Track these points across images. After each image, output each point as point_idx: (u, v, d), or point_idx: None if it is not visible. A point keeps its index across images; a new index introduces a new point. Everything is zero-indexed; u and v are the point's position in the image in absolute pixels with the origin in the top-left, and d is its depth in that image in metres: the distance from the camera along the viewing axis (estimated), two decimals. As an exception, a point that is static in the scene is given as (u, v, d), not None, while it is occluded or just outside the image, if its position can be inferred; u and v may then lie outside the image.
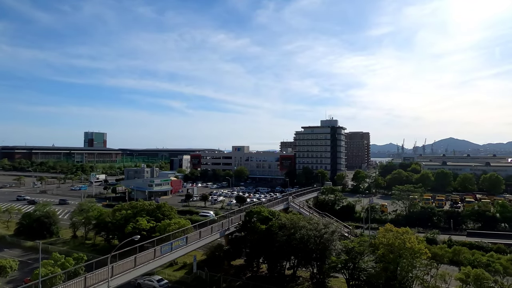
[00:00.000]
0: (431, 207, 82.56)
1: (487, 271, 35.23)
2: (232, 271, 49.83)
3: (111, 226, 57.50)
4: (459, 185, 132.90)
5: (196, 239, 42.67)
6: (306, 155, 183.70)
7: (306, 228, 41.74)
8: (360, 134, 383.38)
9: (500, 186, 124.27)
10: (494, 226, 74.62)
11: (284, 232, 43.13)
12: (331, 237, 40.46)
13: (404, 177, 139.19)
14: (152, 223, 55.13)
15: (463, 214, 78.35)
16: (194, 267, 47.35)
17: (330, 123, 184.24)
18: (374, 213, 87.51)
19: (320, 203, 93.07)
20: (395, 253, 37.35)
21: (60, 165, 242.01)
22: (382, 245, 38.96)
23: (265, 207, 51.16)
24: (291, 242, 41.35)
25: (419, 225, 77.70)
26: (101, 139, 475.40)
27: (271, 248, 43.23)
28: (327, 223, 43.50)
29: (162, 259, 36.19)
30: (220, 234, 47.68)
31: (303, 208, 71.32)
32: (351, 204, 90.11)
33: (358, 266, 39.78)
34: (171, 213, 59.71)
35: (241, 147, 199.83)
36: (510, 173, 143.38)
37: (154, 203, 61.54)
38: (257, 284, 43.77)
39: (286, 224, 44.10)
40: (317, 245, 40.29)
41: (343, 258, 40.07)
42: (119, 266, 31.11)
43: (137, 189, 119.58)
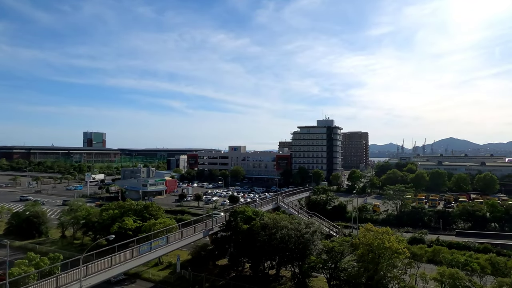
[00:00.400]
0: (422, 207, 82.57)
1: (465, 271, 35.28)
2: (216, 271, 49.95)
3: (98, 226, 57.66)
4: (453, 185, 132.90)
5: (177, 238, 42.74)
6: (302, 155, 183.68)
7: (287, 228, 41.81)
8: (358, 134, 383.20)
9: (494, 186, 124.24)
10: (485, 226, 74.67)
11: (266, 232, 43.19)
12: (311, 237, 40.52)
13: (399, 177, 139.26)
14: (139, 223, 55.32)
15: (453, 214, 78.33)
16: (178, 267, 47.43)
17: (326, 123, 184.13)
18: (366, 213, 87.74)
19: (312, 203, 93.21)
20: (374, 252, 37.42)
21: (58, 165, 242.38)
22: (362, 245, 39.01)
23: (250, 207, 51.20)
24: (272, 241, 41.42)
25: (410, 225, 77.91)
26: (100, 139, 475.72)
27: (253, 247, 43.29)
28: (309, 223, 43.57)
29: (141, 258, 36.27)
30: (204, 234, 47.72)
31: (293, 208, 71.34)
32: (342, 204, 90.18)
33: (338, 266, 39.93)
34: (158, 213, 59.85)
35: (237, 147, 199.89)
36: (505, 173, 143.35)
37: (141, 203, 61.71)
38: (238, 284, 43.87)
39: (268, 223, 44.12)
40: (297, 245, 40.36)
41: (323, 257, 40.20)
42: (94, 266, 31.19)
43: (131, 189, 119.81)
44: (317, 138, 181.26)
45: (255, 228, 43.61)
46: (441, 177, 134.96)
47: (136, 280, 48.77)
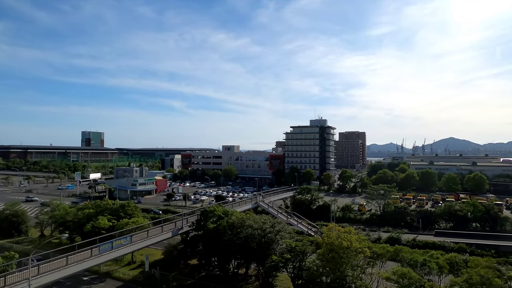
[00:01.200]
0: (405, 207, 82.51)
1: (422, 270, 35.35)
2: (186, 270, 50.04)
3: (73, 225, 57.90)
4: (444, 185, 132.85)
5: (143, 238, 42.83)
6: (295, 154, 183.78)
7: (252, 227, 41.92)
8: (356, 134, 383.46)
9: (483, 186, 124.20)
10: (466, 226, 74.60)
11: (233, 231, 43.33)
12: (274, 236, 40.58)
13: (389, 176, 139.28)
14: (113, 222, 55.51)
15: (435, 214, 78.28)
16: (146, 266, 47.59)
17: (319, 122, 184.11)
18: (349, 212, 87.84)
19: (297, 203, 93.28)
20: (334, 252, 37.49)
21: (53, 165, 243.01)
22: (324, 244, 39.12)
23: (222, 207, 51.25)
24: (236, 241, 41.53)
25: (393, 224, 78.08)
26: (98, 139, 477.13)
27: (220, 247, 43.43)
28: (274, 223, 43.64)
29: (100, 257, 36.41)
30: (173, 233, 47.85)
31: (272, 207, 71.31)
32: (326, 204, 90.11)
33: (302, 265, 40.05)
34: (134, 212, 60.11)
35: (231, 146, 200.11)
36: (496, 172, 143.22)
37: (118, 203, 61.79)
38: (204, 283, 44.03)
39: (235, 223, 44.24)
40: (260, 244, 40.44)
41: (286, 257, 40.27)
42: (47, 265, 31.33)
43: (120, 188, 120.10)
44: (310, 138, 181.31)
45: (220, 227, 43.76)
46: (431, 177, 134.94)
47: (107, 279, 48.97)
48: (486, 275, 29.58)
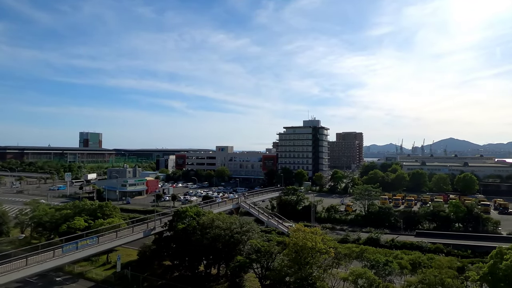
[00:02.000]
0: (388, 207, 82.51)
1: (384, 270, 35.35)
2: (159, 271, 50.09)
3: (50, 225, 57.99)
4: (434, 186, 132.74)
5: (112, 238, 42.87)
6: (288, 155, 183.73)
7: (219, 227, 41.95)
8: (353, 134, 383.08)
9: (473, 186, 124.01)
10: (449, 226, 74.57)
11: (202, 231, 43.36)
12: (240, 237, 40.59)
13: (380, 177, 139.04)
14: (90, 223, 55.56)
15: (419, 215, 78.18)
16: (118, 266, 47.61)
17: (312, 123, 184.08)
18: (334, 213, 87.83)
19: (283, 203, 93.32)
20: (299, 252, 37.53)
21: (49, 165, 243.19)
22: (291, 245, 39.15)
23: (195, 207, 51.27)
24: (204, 241, 41.56)
25: (377, 225, 78.01)
26: (96, 140, 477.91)
27: (189, 247, 43.46)
28: (244, 223, 43.66)
29: (64, 258, 36.45)
30: (144, 234, 47.91)
31: (254, 208, 71.39)
32: (312, 205, 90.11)
33: (270, 265, 40.10)
34: (112, 213, 60.17)
35: (224, 147, 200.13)
36: (488, 173, 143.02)
37: (96, 203, 61.97)
38: (174, 284, 44.12)
39: (205, 223, 44.28)
40: (226, 245, 40.46)
41: (253, 257, 40.30)
42: (4, 266, 31.37)
43: (109, 189, 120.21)
44: (303, 138, 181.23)
45: (190, 228, 43.79)
46: (422, 177, 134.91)
47: (79, 279, 49.11)
48: (440, 275, 29.57)
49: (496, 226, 71.76)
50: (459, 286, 30.07)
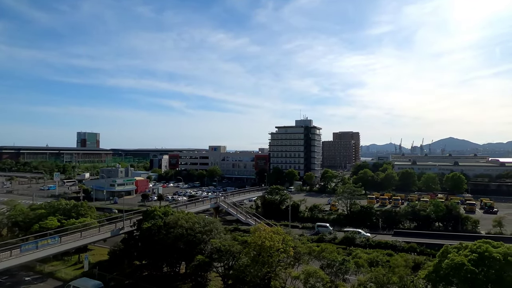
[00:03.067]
0: (370, 206, 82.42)
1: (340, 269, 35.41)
2: (128, 270, 50.16)
3: (24, 225, 58.08)
4: (423, 185, 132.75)
5: (76, 238, 42.96)
6: (280, 154, 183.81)
7: (183, 227, 42.00)
8: (350, 134, 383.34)
9: (462, 186, 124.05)
10: (429, 225, 74.56)
11: (167, 231, 43.41)
12: (201, 236, 40.66)
13: (369, 176, 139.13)
14: (63, 222, 55.67)
15: (399, 214, 78.14)
16: (86, 266, 47.73)
17: (304, 122, 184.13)
18: (317, 212, 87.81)
19: (267, 203, 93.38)
20: (258, 252, 37.57)
21: (43, 165, 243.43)
22: (252, 244, 39.20)
23: (164, 207, 51.39)
24: (167, 241, 41.63)
25: (358, 224, 78.13)
26: (94, 139, 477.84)
27: (153, 246, 43.53)
28: (208, 222, 43.71)
29: (21, 258, 36.57)
30: (112, 233, 48.03)
31: (233, 207, 71.44)
32: (295, 204, 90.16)
33: (231, 264, 40.15)
34: (87, 212, 60.32)
35: (217, 146, 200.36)
36: (478, 172, 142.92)
37: (72, 202, 62.04)
38: (138, 283, 44.14)
39: (170, 223, 44.32)
40: (187, 244, 40.52)
41: (214, 257, 40.34)
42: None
43: (97, 189, 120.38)
44: (295, 138, 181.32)
45: (154, 227, 43.85)
46: (411, 177, 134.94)
47: (48, 279, 49.13)
48: (388, 274, 29.61)
49: (476, 225, 71.68)
50: (406, 284, 30.09)
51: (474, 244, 27.64)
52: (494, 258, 24.82)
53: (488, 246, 26.16)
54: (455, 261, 25.64)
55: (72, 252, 55.68)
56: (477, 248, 26.29)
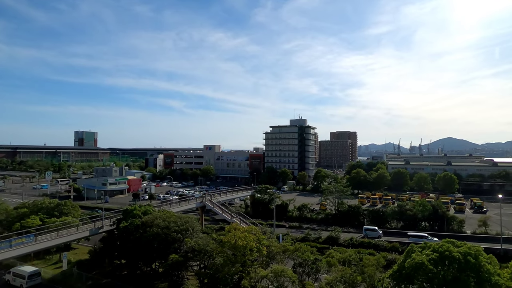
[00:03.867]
0: (358, 206, 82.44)
1: (311, 268, 35.43)
2: (108, 269, 50.20)
3: (6, 223, 58.08)
4: (415, 185, 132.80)
5: (53, 236, 42.96)
6: (274, 154, 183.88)
7: (158, 226, 42.00)
8: (347, 134, 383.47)
9: (453, 186, 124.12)
10: (415, 225, 74.66)
11: (144, 230, 43.40)
12: (176, 235, 40.66)
13: (362, 176, 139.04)
14: (46, 221, 55.67)
15: (386, 214, 78.20)
16: (64, 265, 47.78)
17: (299, 122, 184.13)
18: (305, 212, 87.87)
19: (256, 202, 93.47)
20: (232, 250, 37.61)
21: (39, 164, 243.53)
22: (227, 243, 39.23)
23: (144, 206, 51.34)
24: (142, 240, 41.63)
25: (346, 224, 78.43)
26: (91, 139, 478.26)
27: (129, 245, 43.53)
28: (184, 222, 43.70)
29: (-6, 256, 36.51)
30: (91, 232, 47.97)
31: (219, 206, 71.41)
32: (284, 203, 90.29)
33: (207, 263, 40.22)
34: (71, 211, 60.35)
35: (212, 146, 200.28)
36: (470, 172, 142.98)
37: (55, 201, 62.01)
38: (116, 282, 44.19)
39: (147, 222, 44.31)
40: (162, 243, 40.53)
41: (190, 255, 40.38)
42: None
43: (88, 188, 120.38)
44: (289, 137, 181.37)
45: (131, 226, 43.85)
46: (403, 176, 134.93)
47: (28, 278, 49.23)
48: (354, 274, 29.63)
49: (461, 225, 71.79)
50: (373, 283, 30.13)
51: (438, 243, 27.65)
52: (453, 257, 24.82)
53: (450, 246, 26.17)
54: (415, 261, 25.64)
55: (54, 251, 55.86)
56: (439, 248, 26.29)
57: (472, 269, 24.46)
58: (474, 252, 25.26)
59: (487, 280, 23.61)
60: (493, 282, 23.52)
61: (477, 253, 25.17)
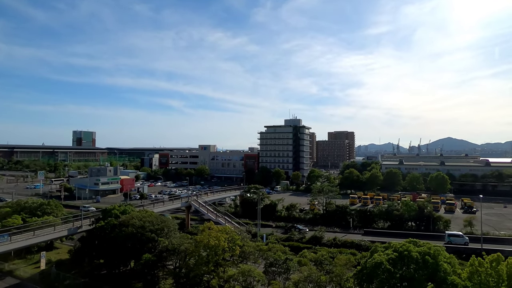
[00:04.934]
0: (345, 206, 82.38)
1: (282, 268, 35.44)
2: (87, 269, 50.22)
3: (-12, 223, 58.06)
4: (408, 185, 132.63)
5: (29, 236, 42.97)
6: (269, 154, 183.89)
7: (134, 226, 42.00)
8: (344, 134, 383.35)
9: (445, 186, 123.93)
10: (402, 225, 74.65)
11: (120, 230, 43.40)
12: (150, 235, 40.66)
13: (355, 176, 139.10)
14: (28, 221, 55.71)
15: (373, 214, 78.20)
16: (42, 264, 47.81)
17: (293, 122, 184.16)
18: (294, 211, 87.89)
19: (245, 202, 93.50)
20: (203, 250, 37.62)
21: (35, 164, 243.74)
22: (200, 243, 39.23)
23: (124, 206, 51.39)
24: (117, 239, 41.64)
25: (333, 223, 78.54)
26: (89, 138, 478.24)
27: (107, 245, 43.55)
28: (159, 221, 43.71)
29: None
30: (69, 232, 48.02)
31: (204, 206, 71.44)
32: (273, 203, 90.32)
33: (182, 263, 40.22)
34: (54, 211, 60.39)
35: (207, 146, 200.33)
36: (463, 172, 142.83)
37: (39, 201, 62.08)
38: (90, 282, 44.21)
39: (124, 222, 44.31)
40: (136, 243, 40.52)
41: (164, 255, 40.38)
42: None
43: (80, 187, 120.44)
44: (284, 137, 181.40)
45: (107, 226, 43.86)
46: (395, 176, 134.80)
47: (7, 277, 49.22)
48: (319, 273, 29.61)
49: (447, 225, 71.74)
50: (340, 283, 30.13)
51: (400, 243, 27.62)
52: (412, 257, 24.80)
53: (410, 246, 26.14)
54: (375, 260, 25.63)
55: (35, 250, 55.91)
56: (400, 248, 26.27)
57: (430, 268, 24.42)
58: (433, 252, 25.22)
59: (443, 279, 23.57)
60: (449, 281, 23.49)
61: (436, 253, 25.14)
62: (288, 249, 40.12)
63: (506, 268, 23.45)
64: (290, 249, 46.15)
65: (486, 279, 23.43)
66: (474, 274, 24.29)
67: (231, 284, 31.36)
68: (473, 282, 23.78)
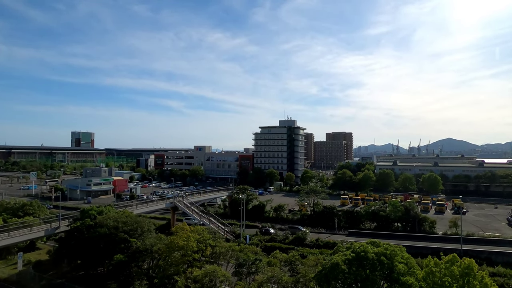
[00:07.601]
0: (332, 207, 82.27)
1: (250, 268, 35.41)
2: (66, 270, 50.23)
3: (-31, 224, 58.16)
4: (400, 185, 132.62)
5: (4, 237, 43.01)
6: (264, 155, 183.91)
7: (108, 226, 42.00)
8: (342, 135, 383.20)
9: (438, 186, 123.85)
10: (388, 226, 74.51)
11: (94, 230, 43.41)
12: (123, 235, 40.65)
13: (347, 177, 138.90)
14: (8, 221, 55.80)
15: (360, 215, 78.10)
16: (19, 265, 47.81)
17: (288, 123, 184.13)
18: (282, 212, 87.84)
19: (233, 202, 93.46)
20: (177, 251, 37.61)
21: (31, 165, 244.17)
22: (171, 244, 39.22)
23: (101, 207, 51.42)
24: (91, 240, 41.65)
25: (321, 224, 78.37)
26: (88, 139, 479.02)
27: (82, 246, 43.57)
28: (133, 222, 43.71)
29: None
30: (46, 232, 48.05)
31: (190, 207, 71.42)
32: (261, 204, 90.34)
33: (156, 263, 40.25)
34: (36, 211, 60.45)
35: (202, 146, 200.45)
36: (457, 173, 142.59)
37: (21, 201, 62.24)
38: (67, 283, 44.22)
39: (101, 223, 44.31)
40: (108, 243, 40.53)
41: (137, 255, 40.37)
42: None
43: (71, 188, 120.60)
44: (278, 138, 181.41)
45: (82, 226, 43.87)
46: (388, 177, 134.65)
47: (-16, 277, 49.34)
48: (281, 274, 29.57)
49: (432, 225, 71.65)
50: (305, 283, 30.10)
51: (360, 243, 27.55)
52: (367, 258, 24.73)
53: (368, 246, 26.08)
54: (332, 261, 25.58)
55: (16, 251, 55.90)
56: (358, 248, 26.21)
57: (386, 269, 24.36)
58: (389, 252, 25.16)
59: (396, 279, 23.50)
60: (402, 281, 23.41)
61: (392, 254, 25.07)
62: (260, 249, 40.11)
63: (460, 268, 23.38)
64: (274, 250, 45.78)
65: (440, 280, 23.36)
66: (430, 274, 24.23)
67: (198, 284, 31.32)
68: (427, 282, 23.71)
